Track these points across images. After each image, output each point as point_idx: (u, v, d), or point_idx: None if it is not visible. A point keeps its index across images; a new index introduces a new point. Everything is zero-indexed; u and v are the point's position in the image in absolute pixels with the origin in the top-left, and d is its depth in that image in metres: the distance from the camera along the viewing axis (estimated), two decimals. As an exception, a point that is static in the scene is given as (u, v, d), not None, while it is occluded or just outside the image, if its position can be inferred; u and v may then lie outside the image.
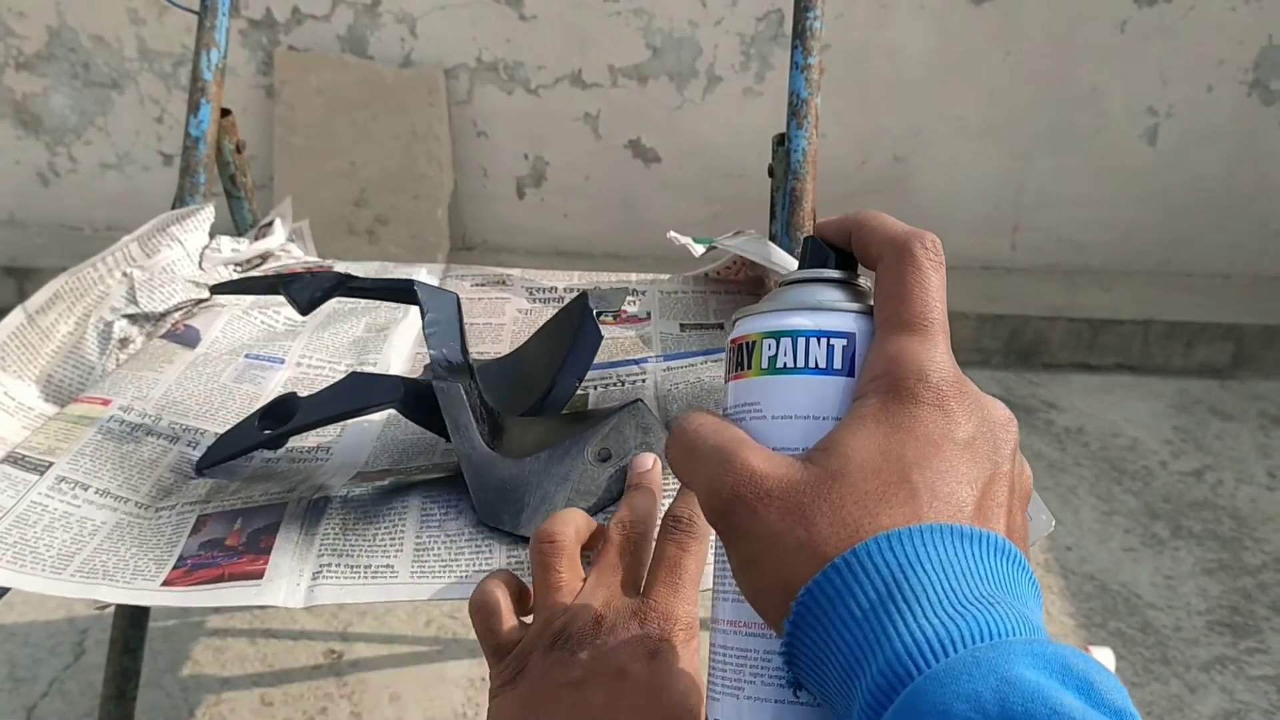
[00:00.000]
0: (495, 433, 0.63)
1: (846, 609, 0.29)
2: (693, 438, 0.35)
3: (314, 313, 0.78)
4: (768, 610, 0.32)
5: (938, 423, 0.32)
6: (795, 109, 0.93)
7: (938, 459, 0.31)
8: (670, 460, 0.36)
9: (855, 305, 0.36)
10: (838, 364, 0.35)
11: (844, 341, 0.35)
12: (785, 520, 0.31)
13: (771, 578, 0.31)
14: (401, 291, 0.68)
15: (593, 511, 0.57)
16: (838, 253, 0.38)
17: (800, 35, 0.93)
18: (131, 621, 0.97)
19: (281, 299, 0.72)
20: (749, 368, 0.36)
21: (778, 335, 0.35)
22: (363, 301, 0.89)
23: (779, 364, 0.35)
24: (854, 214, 0.37)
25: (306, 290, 0.69)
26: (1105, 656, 1.15)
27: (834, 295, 0.36)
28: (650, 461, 0.57)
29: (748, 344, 0.36)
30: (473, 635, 1.46)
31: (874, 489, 0.31)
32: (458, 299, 0.68)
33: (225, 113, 1.02)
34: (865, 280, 0.38)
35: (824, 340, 0.35)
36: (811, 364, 0.35)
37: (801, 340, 0.35)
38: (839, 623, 0.29)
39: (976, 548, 0.30)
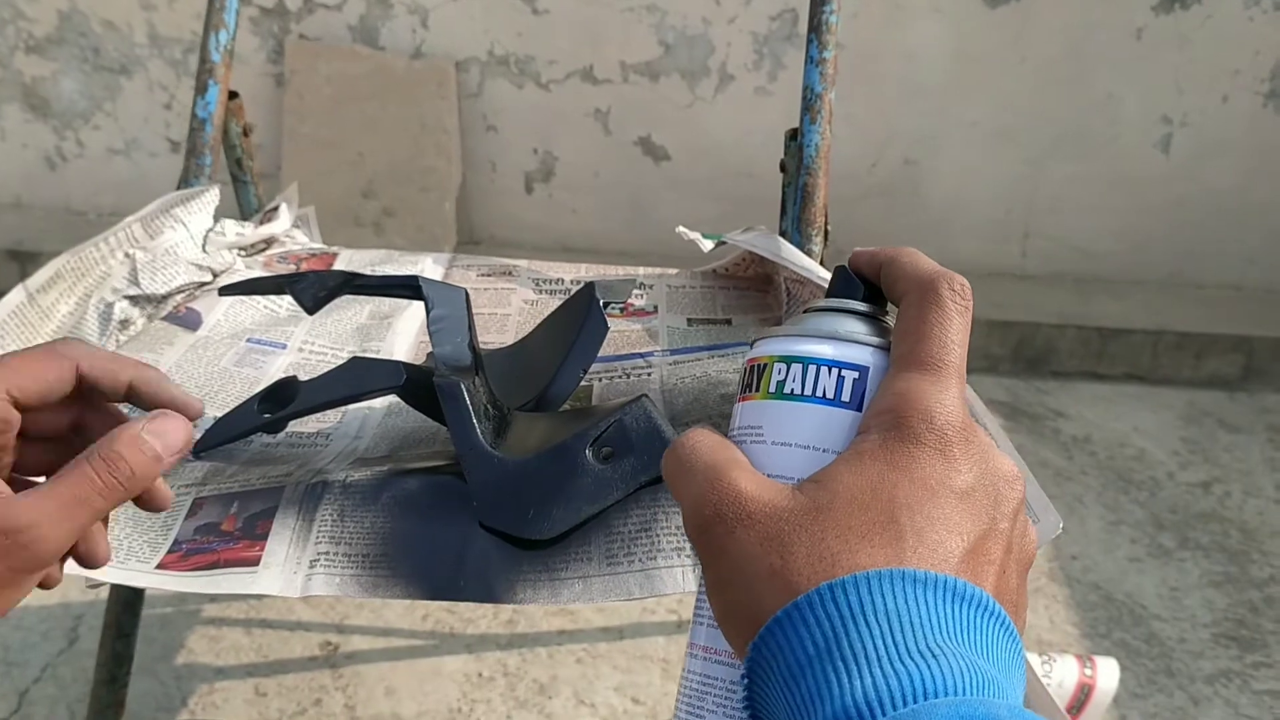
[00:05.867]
0: (500, 430, 0.62)
1: (794, 655, 0.28)
2: (687, 453, 0.34)
3: None
4: (734, 636, 0.31)
5: (937, 467, 0.31)
6: (809, 103, 0.92)
7: (931, 504, 0.30)
8: (664, 473, 0.35)
9: (874, 340, 0.35)
10: (846, 396, 0.34)
11: (855, 374, 0.34)
12: (763, 546, 0.30)
13: (741, 603, 0.31)
14: (407, 288, 0.67)
15: (598, 514, 0.56)
16: (867, 285, 0.37)
17: (816, 29, 0.92)
18: (125, 606, 0.96)
19: None
20: (757, 390, 0.35)
21: (789, 360, 0.34)
22: (367, 288, 0.88)
23: (786, 389, 0.34)
24: (888, 249, 0.37)
25: (311, 290, 0.68)
26: (1110, 667, 1.14)
27: (854, 327, 0.35)
28: None
29: (759, 366, 0.35)
30: (470, 630, 1.44)
31: (858, 525, 0.30)
32: (466, 294, 0.67)
33: (233, 95, 1.01)
34: (892, 317, 0.37)
35: (835, 370, 0.34)
36: (819, 393, 0.34)
37: (812, 368, 0.34)
38: (788, 669, 0.28)
39: (945, 600, 0.28)
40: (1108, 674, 1.12)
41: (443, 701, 1.25)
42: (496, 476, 0.57)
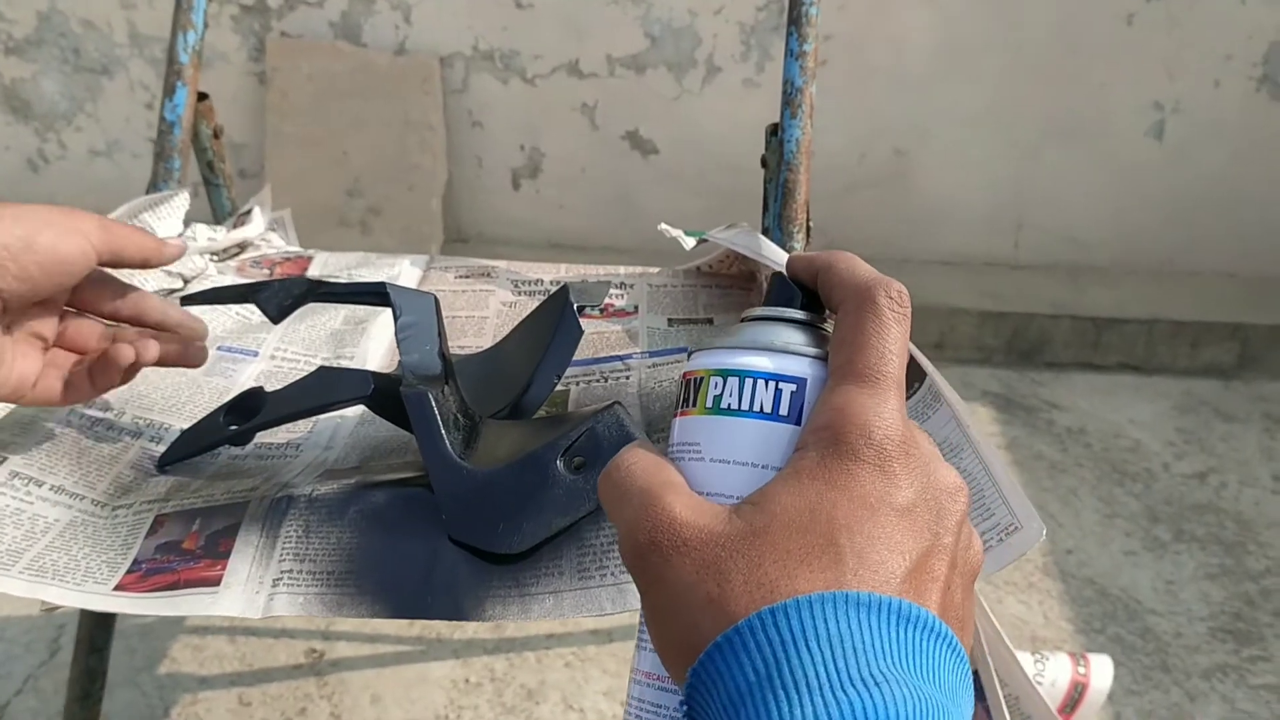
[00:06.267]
0: (470, 440, 0.60)
1: (733, 683, 0.27)
2: (622, 475, 0.33)
3: None
4: (673, 664, 0.30)
5: (876, 484, 0.30)
6: (790, 98, 0.90)
7: (871, 523, 0.29)
8: (600, 496, 0.34)
9: (812, 350, 0.34)
10: (784, 410, 0.33)
11: (793, 387, 0.33)
12: (699, 573, 0.29)
13: (679, 632, 0.30)
14: (374, 295, 0.65)
15: (569, 526, 0.54)
16: (806, 293, 0.36)
17: (795, 21, 0.90)
18: (98, 621, 0.94)
19: None
20: (694, 405, 0.34)
21: (725, 374, 0.34)
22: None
23: (723, 404, 0.33)
24: (825, 254, 0.36)
25: (276, 299, 0.66)
26: (1103, 665, 1.12)
27: (791, 337, 0.34)
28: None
29: (696, 380, 0.35)
30: (458, 635, 1.43)
31: (796, 548, 0.29)
32: (435, 300, 0.65)
33: (203, 96, 0.99)
34: (831, 325, 0.36)
35: (772, 384, 0.33)
36: (756, 407, 0.33)
37: (749, 381, 0.33)
38: (728, 696, 0.27)
39: (888, 623, 0.27)
40: (1101, 671, 1.11)
41: (429, 708, 1.23)
42: (465, 488, 0.55)
